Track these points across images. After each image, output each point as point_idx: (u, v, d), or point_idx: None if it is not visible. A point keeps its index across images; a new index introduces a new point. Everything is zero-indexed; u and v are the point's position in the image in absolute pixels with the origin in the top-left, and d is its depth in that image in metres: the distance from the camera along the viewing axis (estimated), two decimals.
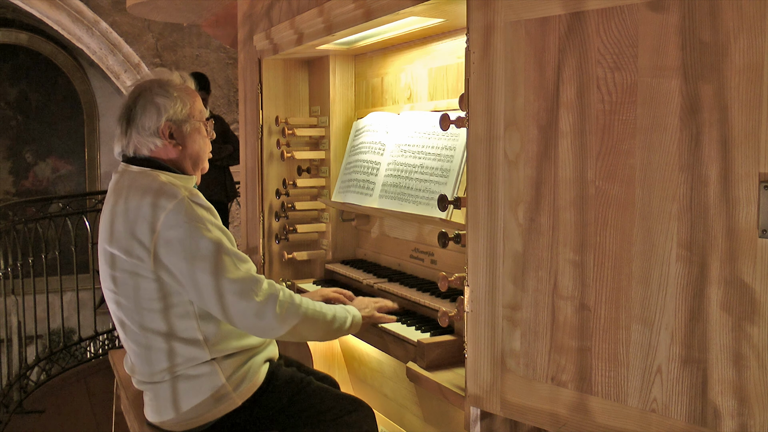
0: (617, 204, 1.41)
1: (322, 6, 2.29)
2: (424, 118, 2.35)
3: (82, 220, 5.51)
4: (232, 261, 1.90)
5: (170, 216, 1.88)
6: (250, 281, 1.90)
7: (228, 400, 2.00)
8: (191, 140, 2.09)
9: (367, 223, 2.83)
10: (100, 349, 5.72)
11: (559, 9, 1.47)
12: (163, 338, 1.95)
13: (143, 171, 2.01)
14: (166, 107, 2.03)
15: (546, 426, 1.57)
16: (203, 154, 2.14)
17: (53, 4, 6.80)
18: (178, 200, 1.89)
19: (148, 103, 2.02)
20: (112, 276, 1.98)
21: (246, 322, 1.91)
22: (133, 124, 2.03)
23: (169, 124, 2.03)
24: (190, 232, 1.87)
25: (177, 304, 1.93)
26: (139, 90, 2.06)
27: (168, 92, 2.04)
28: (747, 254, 1.24)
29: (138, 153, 2.04)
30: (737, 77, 1.23)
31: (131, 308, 1.97)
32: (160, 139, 2.03)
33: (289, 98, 2.99)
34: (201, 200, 1.95)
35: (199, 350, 1.96)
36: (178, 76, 2.14)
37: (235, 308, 1.88)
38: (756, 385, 1.25)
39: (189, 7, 3.50)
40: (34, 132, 8.52)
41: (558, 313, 1.51)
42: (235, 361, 2.01)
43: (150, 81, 2.09)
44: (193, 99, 2.10)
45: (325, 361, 2.97)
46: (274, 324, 1.92)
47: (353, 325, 2.11)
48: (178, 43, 7.34)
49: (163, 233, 1.87)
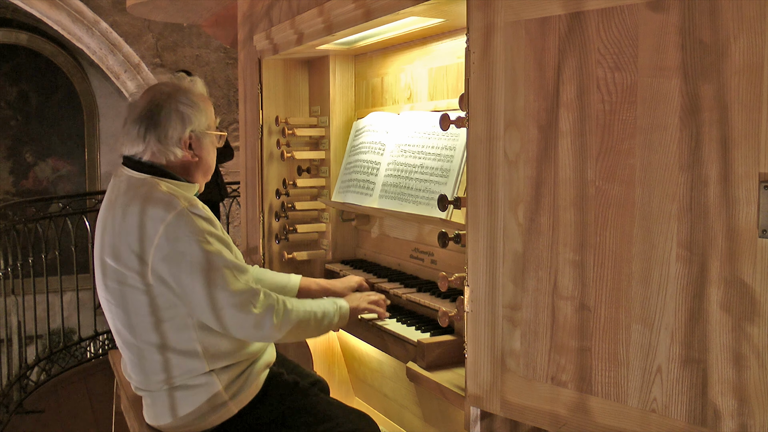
0: (617, 204, 1.41)
1: (322, 6, 2.29)
2: (424, 118, 2.35)
3: (82, 220, 5.51)
4: (233, 273, 1.89)
5: (169, 228, 1.85)
6: (249, 293, 1.90)
7: (224, 409, 1.99)
8: (206, 151, 2.07)
9: (367, 223, 2.83)
10: (100, 349, 5.72)
11: (559, 9, 1.47)
12: (157, 349, 1.94)
13: (144, 179, 1.96)
14: (191, 118, 1.99)
15: (546, 426, 1.57)
16: (213, 164, 2.13)
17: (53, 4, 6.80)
18: (177, 212, 1.86)
19: (174, 112, 1.98)
20: (105, 284, 1.96)
21: (244, 333, 1.92)
22: (154, 132, 1.97)
23: (192, 134, 2.01)
24: (190, 245, 1.85)
25: (174, 317, 1.91)
26: (163, 96, 2.00)
27: (194, 102, 2.01)
28: (747, 254, 1.24)
29: (153, 160, 1.99)
30: (737, 77, 1.23)
31: (124, 319, 1.95)
32: (181, 150, 1.99)
33: (289, 98, 2.99)
34: (200, 211, 1.91)
35: (197, 362, 1.94)
36: (198, 83, 2.10)
37: (234, 320, 1.88)
38: (756, 385, 1.25)
39: (189, 7, 3.50)
40: (34, 132, 8.51)
41: (558, 313, 1.52)
42: (233, 370, 2.00)
43: (173, 87, 2.04)
44: (210, 107, 2.08)
45: (325, 361, 2.96)
46: (271, 333, 1.94)
47: (341, 317, 2.13)
48: (178, 43, 7.34)
49: (161, 245, 1.85)
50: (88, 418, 4.39)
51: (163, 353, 1.94)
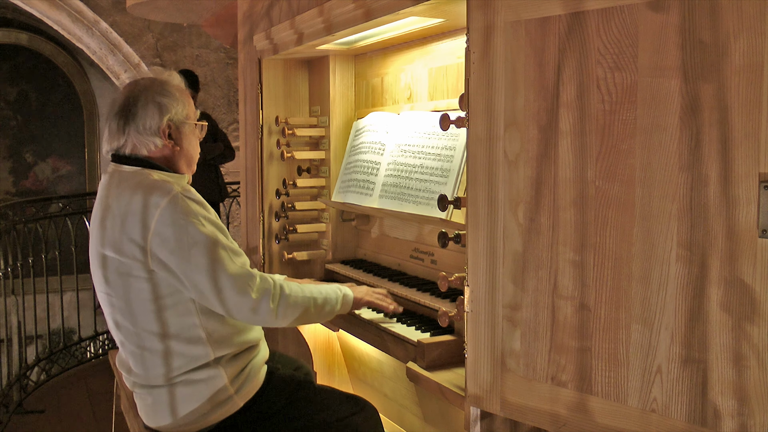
0: (617, 204, 1.41)
1: (322, 6, 2.29)
2: (424, 118, 2.35)
3: (82, 220, 5.51)
4: (228, 255, 1.91)
5: (164, 212, 1.87)
6: (245, 276, 1.92)
7: (230, 403, 1.99)
8: (187, 141, 2.09)
9: (367, 223, 2.83)
10: (100, 349, 5.72)
11: (559, 9, 1.47)
12: (159, 339, 1.94)
13: (135, 170, 1.99)
14: (167, 107, 2.02)
15: (546, 426, 1.57)
16: (196, 155, 2.15)
17: (53, 4, 6.80)
18: (171, 196, 1.89)
19: (150, 102, 2.01)
20: (104, 277, 1.97)
21: (242, 316, 1.93)
22: (132, 123, 2.01)
23: (170, 123, 2.03)
24: (186, 227, 1.87)
25: (176, 303, 1.92)
26: (139, 88, 2.04)
27: (170, 92, 2.04)
28: (747, 254, 1.24)
29: (135, 152, 2.02)
30: (737, 77, 1.23)
31: (126, 310, 1.95)
32: (160, 139, 2.02)
33: (289, 98, 2.99)
34: (194, 195, 1.95)
35: (202, 348, 1.95)
36: (175, 76, 2.13)
37: (232, 302, 1.90)
38: (756, 385, 1.25)
39: (189, 7, 3.50)
40: (34, 132, 8.51)
41: (558, 313, 1.52)
42: (237, 363, 2.01)
43: (149, 80, 2.08)
44: (189, 100, 2.11)
45: (325, 361, 2.97)
46: (268, 318, 1.95)
47: (344, 303, 2.13)
48: (178, 43, 7.34)
49: (157, 230, 1.87)
50: (88, 418, 4.39)
51: (166, 342, 1.94)
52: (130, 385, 2.08)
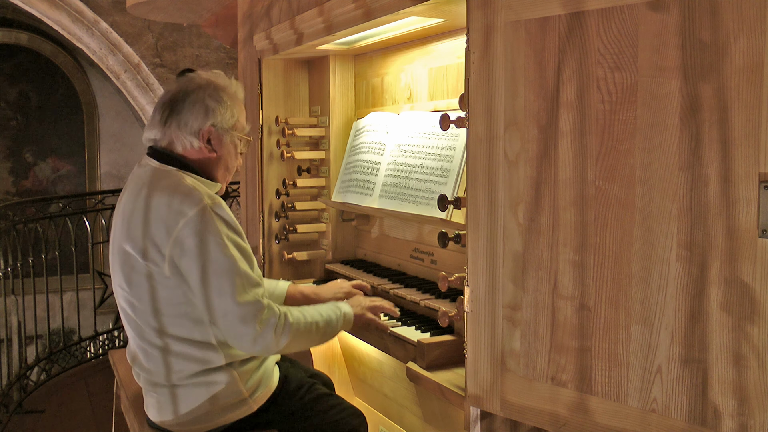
0: (617, 204, 1.41)
1: (322, 6, 2.29)
2: (424, 118, 2.35)
3: (82, 220, 5.51)
4: (242, 284, 1.86)
5: (189, 223, 1.84)
6: (254, 307, 1.87)
7: (244, 406, 1.99)
8: (226, 150, 2.05)
9: (367, 223, 2.83)
10: (100, 349, 5.72)
11: (559, 9, 1.47)
12: (179, 342, 1.92)
13: (169, 171, 1.96)
14: (214, 112, 1.99)
15: (546, 426, 1.57)
16: (234, 166, 2.11)
17: (53, 4, 6.79)
18: (200, 208, 1.85)
19: (199, 102, 1.98)
20: (126, 275, 1.94)
21: (241, 345, 1.90)
22: (176, 117, 1.98)
23: (212, 129, 2.00)
24: (206, 244, 1.84)
25: (189, 312, 1.90)
26: (193, 86, 2.01)
27: (221, 98, 2.01)
28: (747, 254, 1.24)
29: (171, 148, 2.00)
30: (737, 77, 1.23)
31: (147, 311, 1.93)
32: (198, 141, 1.99)
33: (289, 98, 2.99)
34: (223, 212, 1.90)
35: (213, 353, 1.93)
36: (235, 84, 2.10)
37: (234, 331, 1.86)
38: (756, 385, 1.25)
39: (189, 7, 3.50)
40: (34, 132, 8.50)
41: (558, 313, 1.51)
42: (250, 366, 2.00)
43: (206, 80, 2.04)
44: (241, 111, 2.07)
45: (325, 361, 2.97)
46: (268, 348, 1.91)
47: (345, 322, 2.11)
48: (178, 43, 7.34)
49: (179, 238, 1.84)
50: (88, 418, 4.39)
51: (184, 345, 1.92)
52: (143, 382, 2.07)
